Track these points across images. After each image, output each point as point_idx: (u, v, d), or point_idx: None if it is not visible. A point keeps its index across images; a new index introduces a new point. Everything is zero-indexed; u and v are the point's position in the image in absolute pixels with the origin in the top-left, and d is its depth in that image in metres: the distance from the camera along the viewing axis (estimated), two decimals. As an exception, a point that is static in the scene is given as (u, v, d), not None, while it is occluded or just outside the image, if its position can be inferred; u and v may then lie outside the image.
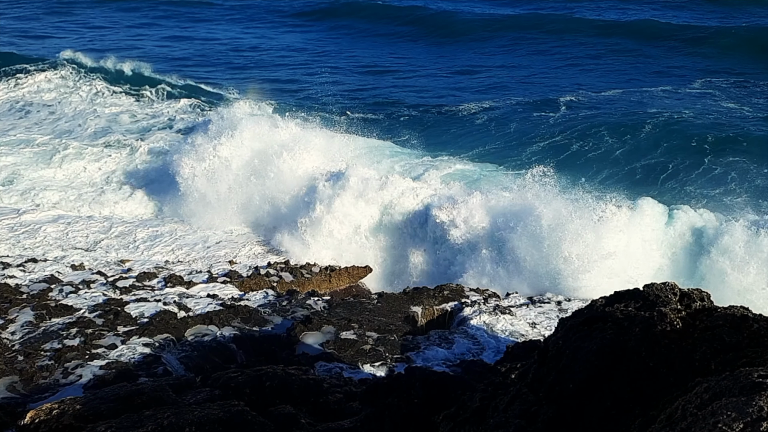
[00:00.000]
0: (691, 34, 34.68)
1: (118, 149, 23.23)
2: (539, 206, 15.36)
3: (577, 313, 5.18)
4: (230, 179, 19.68)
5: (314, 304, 13.18)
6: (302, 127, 21.17)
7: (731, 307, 4.64)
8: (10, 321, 11.67)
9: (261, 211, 19.14)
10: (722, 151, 19.37)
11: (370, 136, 23.25)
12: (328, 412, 7.70)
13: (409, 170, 20.22)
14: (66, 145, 23.22)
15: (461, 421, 5.35)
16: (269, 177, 19.42)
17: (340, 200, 17.93)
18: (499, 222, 15.94)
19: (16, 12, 49.13)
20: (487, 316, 12.70)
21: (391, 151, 22.15)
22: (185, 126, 24.94)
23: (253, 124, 20.85)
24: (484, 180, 19.23)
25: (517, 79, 30.02)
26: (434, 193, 17.87)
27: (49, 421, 6.85)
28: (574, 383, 4.49)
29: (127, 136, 24.31)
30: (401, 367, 9.95)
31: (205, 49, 38.69)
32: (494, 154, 21.45)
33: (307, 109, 26.10)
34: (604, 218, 14.59)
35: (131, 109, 27.70)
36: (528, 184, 16.85)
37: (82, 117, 26.79)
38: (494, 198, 16.74)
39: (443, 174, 19.71)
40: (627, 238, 14.37)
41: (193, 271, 15.15)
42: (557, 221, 14.68)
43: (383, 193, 18.07)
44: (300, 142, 19.88)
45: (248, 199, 19.35)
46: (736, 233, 14.09)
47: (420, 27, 41.15)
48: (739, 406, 3.00)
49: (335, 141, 20.99)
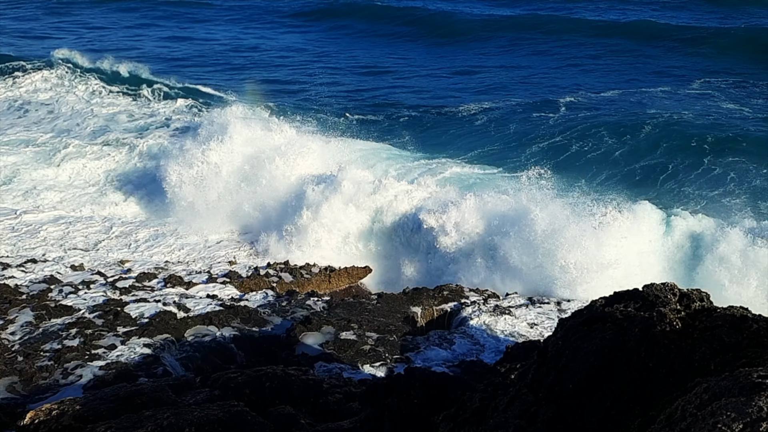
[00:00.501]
0: (690, 34, 34.74)
1: (117, 148, 23.15)
2: (535, 210, 14.97)
3: (577, 313, 5.19)
4: (219, 186, 19.15)
5: (314, 305, 13.19)
6: (296, 131, 20.86)
7: (731, 307, 4.64)
8: (10, 321, 11.67)
9: (250, 218, 18.59)
10: (721, 152, 19.38)
11: (367, 138, 23.12)
12: (327, 413, 7.70)
13: (404, 173, 19.88)
14: (66, 144, 23.21)
15: (461, 421, 5.36)
16: (260, 183, 18.90)
17: (328, 206, 17.17)
18: (493, 226, 15.53)
19: (15, 12, 49.14)
20: (487, 317, 12.71)
21: (388, 154, 21.81)
22: (182, 126, 24.79)
23: (245, 127, 20.45)
24: (481, 183, 18.75)
25: (516, 80, 30.05)
26: (429, 196, 17.27)
27: (49, 421, 6.85)
28: (573, 383, 4.50)
29: (126, 135, 24.22)
30: (401, 368, 9.95)
31: (204, 50, 38.72)
32: (493, 156, 21.38)
33: (304, 111, 26.07)
34: (604, 223, 14.26)
35: (129, 109, 27.58)
36: (524, 187, 16.41)
37: (80, 116, 26.75)
38: (490, 201, 16.22)
39: (439, 177, 19.25)
40: (626, 247, 14.05)
41: (193, 272, 15.16)
42: (553, 227, 14.39)
43: (375, 198, 17.45)
44: (292, 146, 19.42)
45: (237, 206, 18.79)
46: (734, 241, 13.88)
47: (419, 28, 41.18)
48: (739, 407, 3.00)
49: (329, 144, 20.66)
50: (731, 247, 13.76)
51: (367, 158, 20.94)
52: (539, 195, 15.89)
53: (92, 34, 42.69)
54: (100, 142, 23.59)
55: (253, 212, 18.58)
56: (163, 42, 40.74)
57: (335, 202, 17.30)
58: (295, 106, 26.90)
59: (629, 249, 14.03)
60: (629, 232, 14.41)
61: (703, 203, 16.94)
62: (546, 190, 16.15)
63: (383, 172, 19.73)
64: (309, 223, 17.11)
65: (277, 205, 18.35)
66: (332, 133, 22.60)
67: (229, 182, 19.22)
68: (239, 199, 18.89)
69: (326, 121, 24.41)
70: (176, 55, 37.16)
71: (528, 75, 30.92)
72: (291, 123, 21.76)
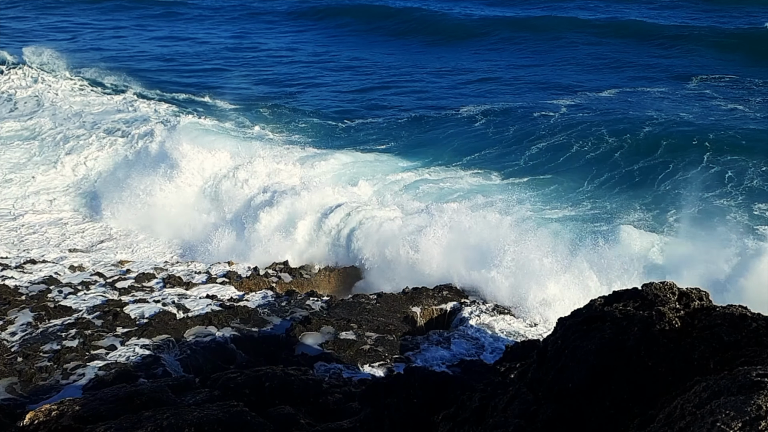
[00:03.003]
0: (689, 34, 34.74)
1: (100, 149, 22.64)
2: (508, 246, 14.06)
3: (576, 312, 5.19)
4: (170, 205, 18.91)
5: (313, 305, 13.18)
6: (244, 147, 20.55)
7: (730, 306, 4.65)
8: (10, 322, 11.67)
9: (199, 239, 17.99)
10: (720, 152, 19.36)
11: (342, 147, 22.35)
12: (327, 413, 7.71)
13: (390, 184, 19.06)
14: (41, 146, 22.83)
15: (460, 421, 5.36)
16: (210, 202, 18.68)
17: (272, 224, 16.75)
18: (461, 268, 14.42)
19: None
20: (487, 316, 12.71)
21: (368, 162, 21.02)
22: (150, 130, 23.57)
23: (197, 148, 20.16)
24: (474, 192, 18.16)
25: (516, 82, 30.02)
26: (403, 223, 15.96)
27: (49, 422, 6.85)
28: (573, 383, 4.50)
29: (105, 137, 23.48)
30: (400, 367, 9.97)
31: (193, 51, 38.21)
32: (490, 160, 21.13)
33: (278, 116, 25.77)
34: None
35: (107, 109, 26.68)
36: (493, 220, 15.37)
37: (58, 117, 26.06)
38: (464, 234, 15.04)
39: (422, 191, 18.40)
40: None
41: (192, 272, 15.15)
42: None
43: (331, 219, 16.68)
44: (240, 164, 19.19)
45: (189, 228, 18.40)
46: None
47: (416, 29, 41.09)
48: (738, 405, 3.01)
49: (288, 156, 20.26)
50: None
51: (347, 173, 20.06)
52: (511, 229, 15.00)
53: (90, 35, 42.57)
54: (78, 144, 23.00)
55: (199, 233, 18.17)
56: (141, 43, 39.71)
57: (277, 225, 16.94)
58: (275, 111, 26.53)
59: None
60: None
61: (701, 206, 16.84)
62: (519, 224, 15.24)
63: (371, 186, 18.91)
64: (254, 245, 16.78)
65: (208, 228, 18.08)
66: (315, 141, 22.21)
67: (180, 202, 18.98)
68: (189, 220, 18.57)
69: (317, 126, 24.33)
70: (156, 55, 36.45)
71: (526, 76, 30.90)
72: (241, 136, 21.24)
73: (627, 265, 13.89)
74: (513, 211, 16.60)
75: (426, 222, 15.65)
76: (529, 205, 17.27)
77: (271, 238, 16.72)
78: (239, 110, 26.81)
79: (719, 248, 14.14)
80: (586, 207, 17.42)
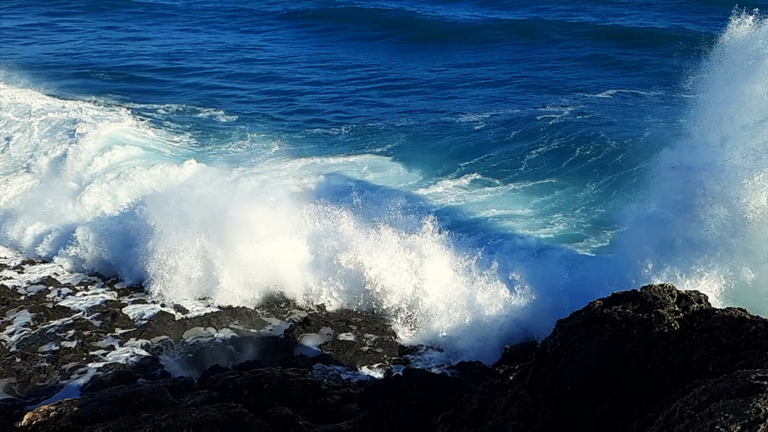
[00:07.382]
0: (689, 37, 34.79)
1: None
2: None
3: (575, 314, 5.19)
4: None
5: (312, 306, 13.16)
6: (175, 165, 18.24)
7: (729, 309, 4.65)
8: (8, 323, 11.66)
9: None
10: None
11: (308, 154, 21.13)
12: (326, 414, 7.70)
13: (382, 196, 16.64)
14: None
15: (459, 423, 5.36)
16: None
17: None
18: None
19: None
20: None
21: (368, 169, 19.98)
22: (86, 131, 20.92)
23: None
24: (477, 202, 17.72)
25: (516, 84, 30.04)
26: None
27: (47, 423, 6.85)
28: (572, 385, 4.50)
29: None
30: (399, 369, 9.96)
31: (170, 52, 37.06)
32: (492, 169, 20.96)
33: (250, 122, 24.98)
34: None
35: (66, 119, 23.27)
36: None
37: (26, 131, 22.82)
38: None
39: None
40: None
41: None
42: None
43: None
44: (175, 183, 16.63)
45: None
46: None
47: (413, 32, 41.01)
48: (737, 408, 3.01)
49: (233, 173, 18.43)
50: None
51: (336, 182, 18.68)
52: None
53: (87, 36, 42.40)
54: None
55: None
56: (84, 46, 37.38)
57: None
58: (248, 117, 25.71)
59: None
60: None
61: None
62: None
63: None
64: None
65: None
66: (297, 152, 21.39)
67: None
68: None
69: (309, 133, 24.02)
70: (107, 54, 34.73)
71: (525, 78, 30.90)
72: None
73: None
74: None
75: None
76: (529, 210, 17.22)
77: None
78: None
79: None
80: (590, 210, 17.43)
